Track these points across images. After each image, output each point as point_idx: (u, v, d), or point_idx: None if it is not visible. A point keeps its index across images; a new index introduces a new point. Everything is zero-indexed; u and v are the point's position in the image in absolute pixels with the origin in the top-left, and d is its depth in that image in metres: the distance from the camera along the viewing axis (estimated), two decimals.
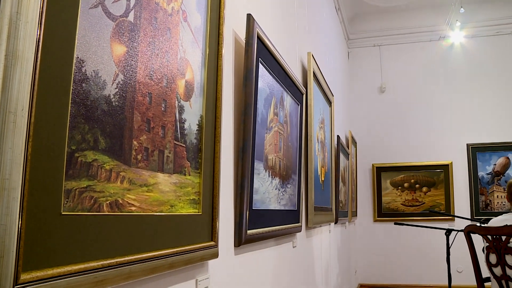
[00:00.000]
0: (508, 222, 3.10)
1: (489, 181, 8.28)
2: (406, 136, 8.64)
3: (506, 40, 8.43)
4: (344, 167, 6.29)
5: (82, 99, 1.04)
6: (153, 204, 1.34)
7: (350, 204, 7.07)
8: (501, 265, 3.10)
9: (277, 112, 2.72)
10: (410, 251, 8.37)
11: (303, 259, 3.65)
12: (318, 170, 4.08)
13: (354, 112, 8.86)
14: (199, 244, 1.62)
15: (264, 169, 2.46)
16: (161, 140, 1.40)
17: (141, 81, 1.29)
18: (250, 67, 2.19)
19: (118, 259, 1.15)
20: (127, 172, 1.22)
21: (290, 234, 3.10)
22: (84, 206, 1.05)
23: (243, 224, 2.10)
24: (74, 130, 1.01)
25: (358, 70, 9.02)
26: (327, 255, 4.93)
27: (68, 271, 0.97)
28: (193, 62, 1.65)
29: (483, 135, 8.32)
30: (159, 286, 1.44)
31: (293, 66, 3.44)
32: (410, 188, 8.56)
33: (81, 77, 1.03)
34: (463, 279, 7.64)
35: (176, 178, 1.48)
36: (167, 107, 1.45)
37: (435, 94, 8.63)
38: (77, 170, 1.03)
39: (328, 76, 5.47)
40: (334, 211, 5.10)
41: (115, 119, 1.17)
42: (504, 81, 8.35)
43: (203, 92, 1.72)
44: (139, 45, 1.29)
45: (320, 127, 4.32)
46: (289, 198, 3.01)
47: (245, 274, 2.27)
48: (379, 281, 8.49)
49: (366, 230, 8.69)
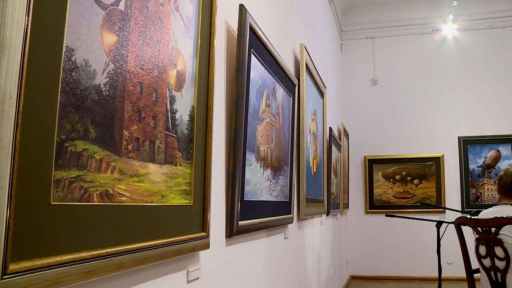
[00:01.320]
0: (498, 214, 3.11)
1: (480, 174, 8.34)
2: (398, 129, 8.67)
3: (498, 34, 8.45)
4: (336, 159, 6.30)
5: (72, 88, 1.03)
6: (144, 194, 1.34)
7: (342, 196, 7.09)
8: (490, 256, 3.12)
9: (269, 103, 2.71)
10: (401, 243, 8.42)
11: (295, 251, 3.66)
12: (310, 162, 4.08)
13: (347, 104, 8.87)
14: (190, 235, 1.62)
15: (256, 160, 2.46)
16: (152, 130, 1.39)
17: (132, 71, 1.28)
18: (242, 58, 2.18)
19: (108, 250, 1.14)
20: (118, 162, 1.21)
21: (282, 225, 3.11)
22: (74, 196, 1.04)
23: (234, 215, 2.09)
24: (64, 120, 1.00)
25: (350, 62, 9.02)
26: (319, 246, 4.95)
27: (57, 262, 0.96)
28: (185, 52, 1.64)
29: (475, 128, 8.37)
30: (150, 277, 1.44)
31: (285, 57, 3.43)
32: (401, 181, 8.60)
33: (71, 66, 1.02)
34: (453, 270, 7.70)
35: (167, 168, 1.48)
36: (158, 97, 1.44)
37: (427, 87, 8.65)
38: (67, 160, 1.02)
39: (321, 68, 5.46)
40: (325, 202, 5.11)
41: (105, 109, 1.16)
42: (496, 74, 8.39)
43: (195, 83, 1.71)
44: (130, 35, 1.28)
45: (313, 118, 4.32)
46: (281, 190, 3.01)
47: (236, 265, 2.27)
48: (370, 272, 8.54)
49: (357, 222, 8.72)
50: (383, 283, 8.03)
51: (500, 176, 3.34)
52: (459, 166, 8.40)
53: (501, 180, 3.32)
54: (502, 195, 3.33)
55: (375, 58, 8.89)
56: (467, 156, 8.37)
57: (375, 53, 8.90)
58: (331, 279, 5.83)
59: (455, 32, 8.53)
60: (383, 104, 8.77)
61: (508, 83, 8.31)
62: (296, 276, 3.67)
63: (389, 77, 8.83)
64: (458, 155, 8.40)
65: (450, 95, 8.53)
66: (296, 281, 3.66)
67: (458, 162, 8.41)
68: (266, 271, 2.79)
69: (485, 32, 8.51)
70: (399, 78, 8.78)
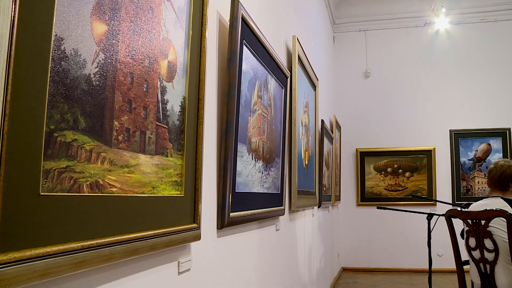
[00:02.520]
0: (487, 206, 3.14)
1: (471, 167, 8.39)
2: (390, 122, 8.69)
3: (490, 28, 8.48)
4: (328, 151, 6.31)
5: (61, 78, 1.02)
6: (135, 185, 1.33)
7: (334, 188, 7.11)
8: (479, 248, 3.15)
9: (261, 95, 2.71)
10: (392, 235, 8.47)
11: (286, 242, 3.67)
12: (301, 154, 4.09)
13: (339, 96, 8.87)
14: (181, 226, 1.61)
15: (248, 152, 2.45)
16: (143, 121, 1.39)
17: (122, 61, 1.27)
18: (234, 49, 2.17)
19: (99, 241, 1.14)
20: (108, 152, 1.20)
21: (273, 217, 3.11)
22: (63, 187, 1.03)
23: (226, 206, 2.09)
24: (53, 110, 0.99)
25: (343, 54, 9.01)
26: (310, 238, 4.96)
27: (46, 252, 0.96)
28: (176, 42, 1.63)
29: (466, 121, 8.41)
30: (140, 268, 1.44)
31: (277, 49, 3.42)
32: (393, 173, 8.64)
33: (60, 55, 1.00)
34: (443, 262, 7.77)
35: (158, 159, 1.47)
36: (149, 88, 1.43)
37: (420, 80, 8.67)
38: (56, 150, 1.01)
39: (313, 60, 5.45)
40: (317, 195, 5.12)
41: (95, 99, 1.15)
42: (488, 68, 8.42)
43: (186, 73, 1.70)
44: (121, 24, 1.26)
45: (304, 111, 4.32)
46: (273, 181, 3.01)
47: (228, 256, 2.27)
48: (361, 264, 8.59)
49: (349, 214, 8.76)
50: (374, 275, 8.08)
51: (490, 169, 3.36)
52: (450, 159, 8.44)
53: (491, 173, 3.34)
54: (492, 188, 3.35)
55: (368, 50, 8.89)
56: (458, 149, 8.42)
57: (367, 46, 8.90)
58: (322, 271, 5.86)
59: (447, 25, 8.54)
60: (375, 96, 8.79)
61: (500, 77, 8.35)
62: (287, 268, 3.68)
63: (382, 70, 8.84)
64: (450, 148, 8.45)
65: (442, 88, 8.56)
66: (287, 272, 3.67)
67: (449, 155, 8.46)
68: (257, 262, 2.80)
69: (477, 25, 8.53)
70: (392, 71, 8.80)
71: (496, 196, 3.28)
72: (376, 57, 8.87)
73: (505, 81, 8.33)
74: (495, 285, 3.09)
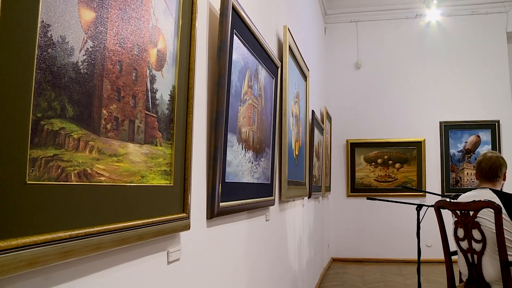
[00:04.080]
0: (476, 198, 3.16)
1: (460, 159, 8.45)
2: (380, 113, 8.72)
3: (481, 20, 8.51)
4: (318, 142, 6.32)
5: (48, 65, 1.00)
6: (123, 174, 1.32)
7: (324, 179, 7.14)
8: (467, 239, 3.17)
9: (251, 84, 2.70)
10: (381, 226, 8.53)
11: (276, 233, 3.68)
12: (292, 144, 4.09)
13: (330, 87, 8.88)
14: (170, 216, 1.61)
15: (238, 141, 2.45)
16: (132, 109, 1.38)
17: (111, 49, 1.26)
18: (224, 38, 2.16)
19: (87, 230, 1.13)
20: (96, 141, 1.19)
21: (263, 207, 3.12)
22: (51, 176, 1.02)
23: (215, 196, 2.09)
24: (40, 97, 0.98)
25: (334, 45, 9.01)
26: (300, 229, 4.98)
27: (33, 242, 0.95)
28: (166, 31, 1.62)
29: (456, 113, 8.46)
30: (129, 258, 1.43)
31: (268, 39, 3.41)
32: (383, 164, 8.68)
33: (46, 42, 0.99)
34: (432, 253, 7.84)
35: (147, 148, 1.46)
36: (138, 76, 1.41)
37: (410, 71, 8.70)
38: (43, 139, 1.00)
39: (304, 50, 5.44)
40: (307, 185, 5.14)
41: (83, 87, 1.14)
42: (478, 61, 8.46)
43: (176, 62, 1.69)
44: (109, 11, 1.25)
45: (295, 101, 4.32)
46: (263, 172, 3.01)
47: (217, 246, 2.27)
48: (351, 255, 8.65)
49: (339, 205, 8.81)
50: (363, 265, 8.14)
51: (479, 161, 3.38)
52: (440, 150, 8.50)
53: (480, 165, 3.36)
54: (481, 180, 3.38)
55: (359, 42, 8.89)
56: (448, 141, 8.47)
57: (359, 37, 8.90)
58: (312, 261, 5.89)
59: (438, 17, 8.56)
60: (366, 88, 8.81)
61: (490, 70, 8.40)
62: (277, 258, 3.69)
63: (373, 61, 8.85)
64: (439, 140, 8.50)
65: (432, 80, 8.60)
66: (277, 263, 3.69)
67: (439, 147, 8.51)
68: (247, 252, 2.80)
69: (468, 18, 8.56)
70: (382, 62, 8.82)
71: (484, 187, 3.30)
72: (367, 48, 8.88)
73: (495, 73, 8.38)
74: (482, 275, 3.12)
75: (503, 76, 8.37)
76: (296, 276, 4.57)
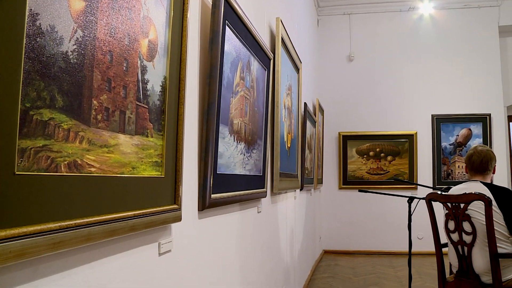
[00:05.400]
0: (467, 190, 3.18)
1: (451, 152, 8.50)
2: (372, 106, 8.74)
3: (473, 14, 8.52)
4: (310, 134, 6.32)
5: (37, 55, 0.99)
6: (114, 165, 1.31)
7: (316, 172, 7.15)
8: (458, 231, 3.20)
9: (243, 76, 2.69)
10: (373, 218, 8.56)
11: (268, 224, 3.69)
12: (284, 137, 4.09)
13: (322, 80, 8.87)
14: (161, 207, 1.60)
15: (229, 133, 2.44)
16: (123, 100, 1.37)
17: (101, 39, 1.25)
18: (216, 29, 2.15)
19: (77, 221, 1.12)
20: (86, 132, 1.19)
21: (255, 199, 3.12)
22: (40, 166, 1.01)
23: (207, 188, 2.09)
24: (29, 87, 0.97)
25: (327, 38, 9.00)
26: (292, 221, 4.99)
27: (22, 233, 0.94)
28: (157, 21, 1.61)
29: (448, 106, 8.50)
30: (120, 249, 1.43)
31: (261, 31, 3.40)
32: (375, 157, 8.70)
33: (35, 31, 0.98)
34: (423, 245, 7.89)
35: (138, 139, 1.45)
36: (129, 67, 1.40)
37: (403, 64, 8.71)
38: (32, 129, 0.99)
39: (297, 43, 5.43)
40: (299, 177, 5.14)
41: (73, 77, 1.13)
42: (470, 54, 8.49)
43: (167, 53, 1.68)
44: (99, 1, 1.23)
45: (287, 93, 4.31)
46: (255, 164, 3.01)
47: (209, 238, 2.27)
48: (342, 247, 8.69)
49: (331, 197, 8.83)
50: (355, 257, 8.18)
51: (469, 155, 3.40)
52: (431, 143, 8.54)
53: (471, 159, 3.38)
54: (472, 173, 3.40)
55: (352, 34, 8.89)
56: (439, 133, 8.51)
57: (351, 30, 8.89)
58: (304, 253, 5.91)
59: (431, 11, 8.57)
60: (359, 80, 8.81)
61: (482, 63, 8.43)
62: (269, 250, 3.70)
63: (365, 54, 8.85)
64: (431, 133, 8.53)
65: (425, 73, 8.62)
66: (269, 255, 3.69)
67: (430, 140, 8.55)
68: (239, 244, 2.80)
69: (461, 11, 8.57)
70: (375, 55, 8.82)
71: (475, 180, 3.32)
72: (360, 41, 8.87)
73: (487, 67, 8.41)
74: (472, 266, 3.14)
75: (494, 70, 8.40)
76: (288, 268, 4.58)
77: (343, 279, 6.43)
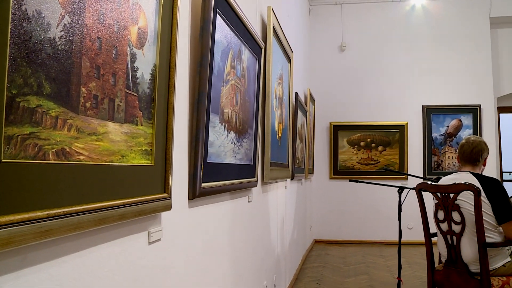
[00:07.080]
0: (456, 180, 3.20)
1: (442, 142, 8.54)
2: (364, 96, 8.75)
3: (465, 5, 8.54)
4: (301, 124, 6.32)
5: (23, 40, 0.97)
6: (103, 153, 1.30)
7: (307, 161, 7.16)
8: (447, 221, 3.22)
9: (234, 65, 2.68)
10: (364, 208, 8.61)
11: (259, 214, 3.69)
12: (275, 126, 4.08)
13: (314, 70, 8.87)
14: (151, 196, 1.60)
15: (220, 122, 2.43)
16: (112, 88, 1.35)
17: (90, 25, 1.23)
18: (207, 17, 2.13)
19: (65, 209, 1.12)
20: (75, 119, 1.17)
21: (246, 188, 3.12)
22: (27, 154, 1.00)
23: (197, 176, 2.08)
24: (15, 73, 0.95)
25: (319, 28, 8.98)
26: (283, 210, 5.00)
27: (10, 221, 0.93)
28: (147, 8, 1.59)
29: (439, 97, 8.53)
30: (109, 237, 1.42)
31: (252, 20, 3.38)
32: (366, 147, 8.73)
33: (20, 16, 0.96)
34: (413, 235, 7.95)
35: (127, 127, 1.44)
36: (118, 54, 1.39)
37: (394, 55, 8.72)
38: (19, 116, 0.97)
39: (288, 32, 5.41)
40: (290, 167, 5.15)
41: (61, 64, 1.11)
42: (461, 45, 8.51)
43: (157, 41, 1.66)
44: None
45: (279, 83, 4.30)
46: (245, 153, 3.01)
47: (199, 226, 2.27)
48: (333, 237, 8.73)
49: (322, 187, 8.86)
50: (345, 247, 8.23)
51: (461, 144, 3.42)
52: (422, 134, 8.57)
53: (463, 148, 3.40)
54: (462, 163, 3.42)
55: (344, 24, 8.87)
56: (430, 124, 8.55)
57: (343, 20, 8.88)
58: (294, 242, 5.93)
59: (423, 1, 8.57)
60: (350, 70, 8.82)
61: (472, 55, 8.46)
62: (260, 239, 3.71)
63: (357, 44, 8.85)
64: (422, 124, 8.57)
65: (416, 64, 8.63)
66: (260, 244, 3.70)
67: (421, 130, 8.58)
68: (229, 233, 2.81)
69: (452, 2, 8.58)
70: (367, 45, 8.82)
71: (465, 170, 3.35)
72: (351, 31, 8.86)
73: (477, 58, 8.44)
74: (460, 255, 3.17)
75: (485, 61, 8.44)
76: (278, 257, 4.60)
77: (333, 268, 6.47)
